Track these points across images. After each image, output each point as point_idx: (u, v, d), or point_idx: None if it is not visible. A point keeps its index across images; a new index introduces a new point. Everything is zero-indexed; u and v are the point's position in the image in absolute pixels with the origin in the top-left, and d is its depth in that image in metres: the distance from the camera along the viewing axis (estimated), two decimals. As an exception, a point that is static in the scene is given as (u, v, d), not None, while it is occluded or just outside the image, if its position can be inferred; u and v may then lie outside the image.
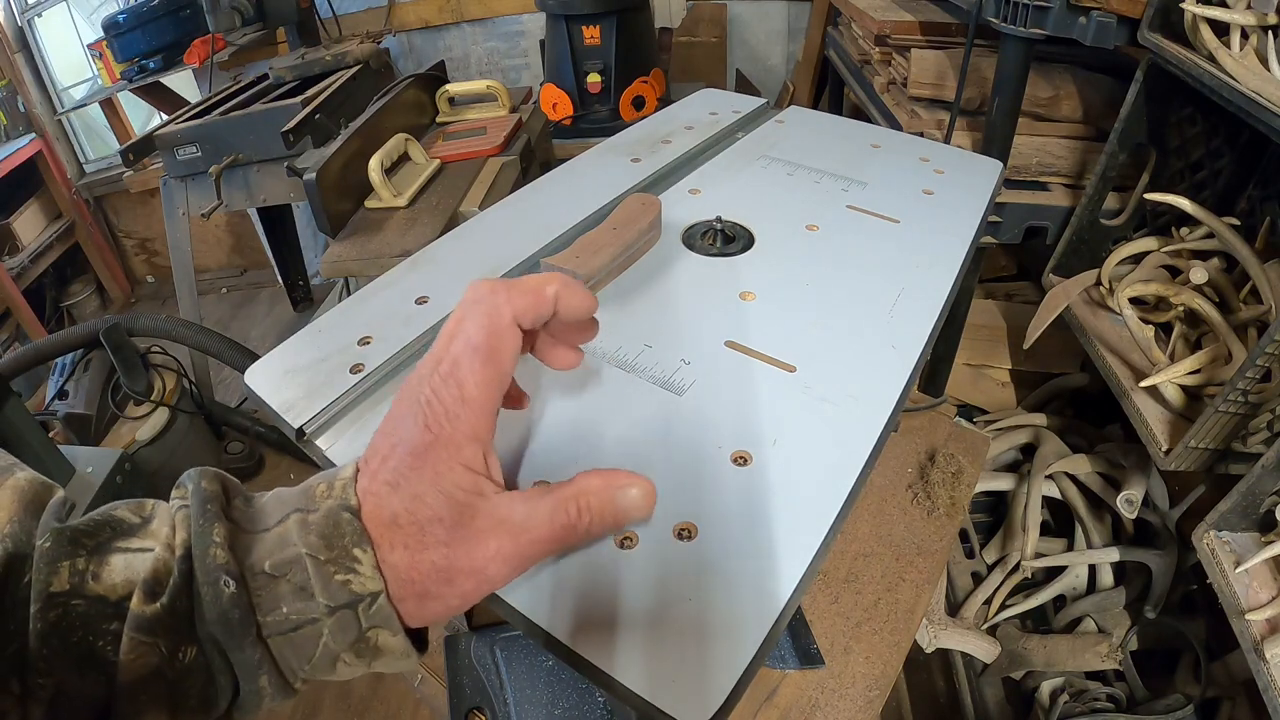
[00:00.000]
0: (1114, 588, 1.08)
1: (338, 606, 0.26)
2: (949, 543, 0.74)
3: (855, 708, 0.61)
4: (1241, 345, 0.84)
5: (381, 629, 0.26)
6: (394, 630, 0.27)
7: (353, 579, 0.26)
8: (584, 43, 1.74)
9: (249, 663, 0.25)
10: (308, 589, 0.26)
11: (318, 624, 0.26)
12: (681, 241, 0.53)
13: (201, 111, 1.42)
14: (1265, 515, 0.75)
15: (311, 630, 0.26)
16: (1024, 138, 1.11)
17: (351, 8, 2.27)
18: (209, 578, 0.25)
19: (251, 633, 0.25)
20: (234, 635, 0.25)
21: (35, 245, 2.54)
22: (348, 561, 0.26)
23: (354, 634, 0.26)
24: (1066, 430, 1.26)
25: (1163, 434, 0.85)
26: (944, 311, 0.47)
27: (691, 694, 0.27)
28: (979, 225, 0.55)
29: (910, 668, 1.23)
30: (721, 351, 0.42)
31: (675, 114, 0.73)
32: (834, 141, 0.67)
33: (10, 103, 2.54)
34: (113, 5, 2.58)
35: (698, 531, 0.32)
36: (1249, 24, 0.74)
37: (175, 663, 0.25)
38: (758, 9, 2.31)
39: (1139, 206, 1.04)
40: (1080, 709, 0.99)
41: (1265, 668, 0.68)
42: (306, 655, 0.26)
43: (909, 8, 1.35)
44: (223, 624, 0.25)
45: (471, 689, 0.63)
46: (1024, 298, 1.49)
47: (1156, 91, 0.93)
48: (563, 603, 0.30)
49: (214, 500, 0.27)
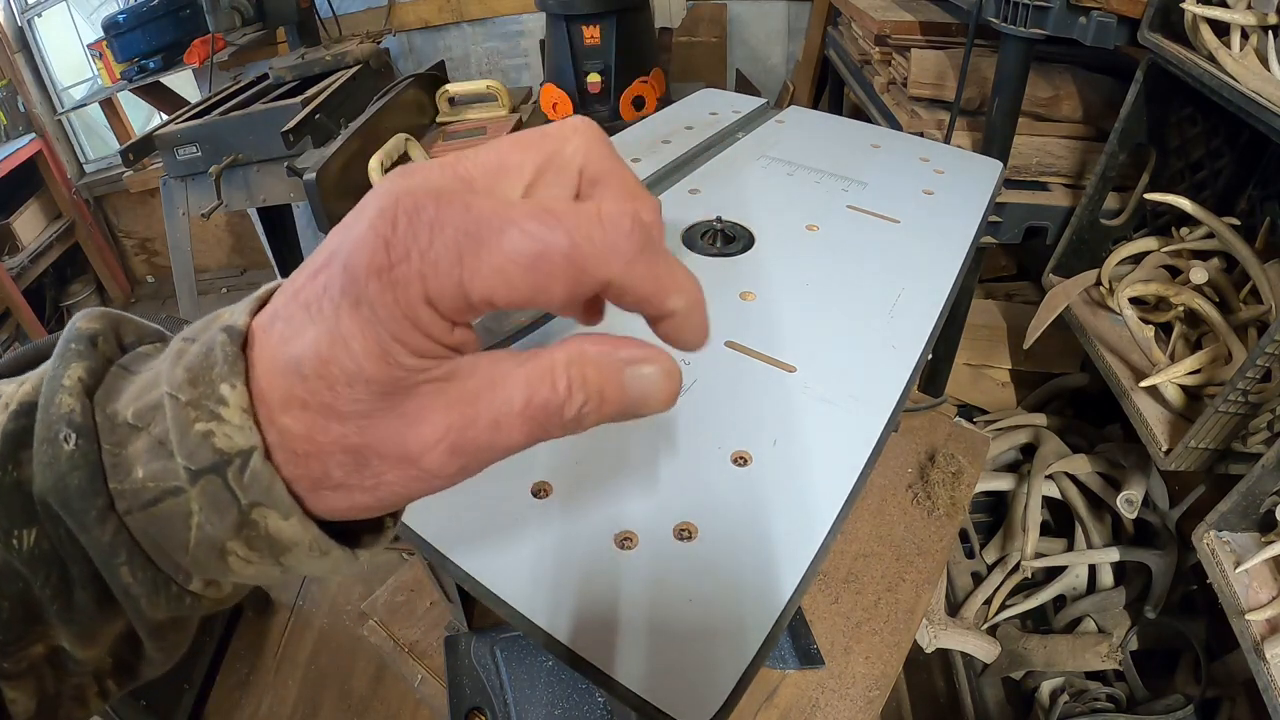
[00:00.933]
0: (1114, 588, 1.08)
1: (200, 470, 0.18)
2: (949, 543, 0.74)
3: (855, 708, 0.61)
4: (1241, 345, 0.84)
5: (267, 509, 0.18)
6: (285, 512, 0.18)
7: (215, 429, 0.18)
8: (584, 43, 1.74)
9: (100, 546, 0.19)
10: (166, 444, 0.18)
11: (182, 496, 0.18)
12: (681, 241, 0.53)
13: (201, 111, 1.42)
14: (1265, 515, 0.75)
15: (175, 505, 0.18)
16: (1024, 138, 1.11)
17: (351, 8, 2.27)
18: (48, 432, 0.19)
19: (98, 503, 0.18)
20: (74, 508, 0.18)
21: (35, 245, 2.54)
22: (211, 404, 0.18)
23: (233, 514, 0.18)
24: (1066, 430, 1.26)
25: (1163, 434, 0.85)
26: (944, 311, 0.47)
27: (691, 694, 0.27)
28: (979, 225, 0.55)
29: (910, 668, 1.23)
30: (721, 351, 0.42)
31: (675, 114, 0.73)
32: (834, 141, 0.67)
33: (10, 103, 2.54)
34: (113, 5, 2.58)
35: (698, 532, 0.32)
36: (1249, 24, 0.74)
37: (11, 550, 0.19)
38: (758, 9, 2.31)
39: (1139, 206, 1.04)
40: (1080, 709, 0.99)
41: (1265, 668, 0.68)
42: (179, 541, 0.19)
43: (909, 8, 1.35)
44: (58, 492, 0.18)
45: (471, 689, 0.63)
46: (1024, 298, 1.49)
47: (1156, 91, 0.93)
48: (563, 603, 0.30)
49: (84, 339, 0.20)
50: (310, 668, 1.43)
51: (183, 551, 0.19)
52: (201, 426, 0.18)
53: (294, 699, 1.38)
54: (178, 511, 0.19)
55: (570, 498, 0.34)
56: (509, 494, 0.34)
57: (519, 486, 0.35)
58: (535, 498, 0.34)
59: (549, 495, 0.34)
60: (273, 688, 1.41)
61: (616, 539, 0.32)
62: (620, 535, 0.32)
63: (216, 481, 0.18)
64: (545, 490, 0.35)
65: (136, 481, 0.19)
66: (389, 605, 0.71)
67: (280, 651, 1.47)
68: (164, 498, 0.19)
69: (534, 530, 0.33)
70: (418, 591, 0.72)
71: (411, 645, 0.68)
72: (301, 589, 1.58)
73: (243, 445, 0.18)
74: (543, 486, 0.35)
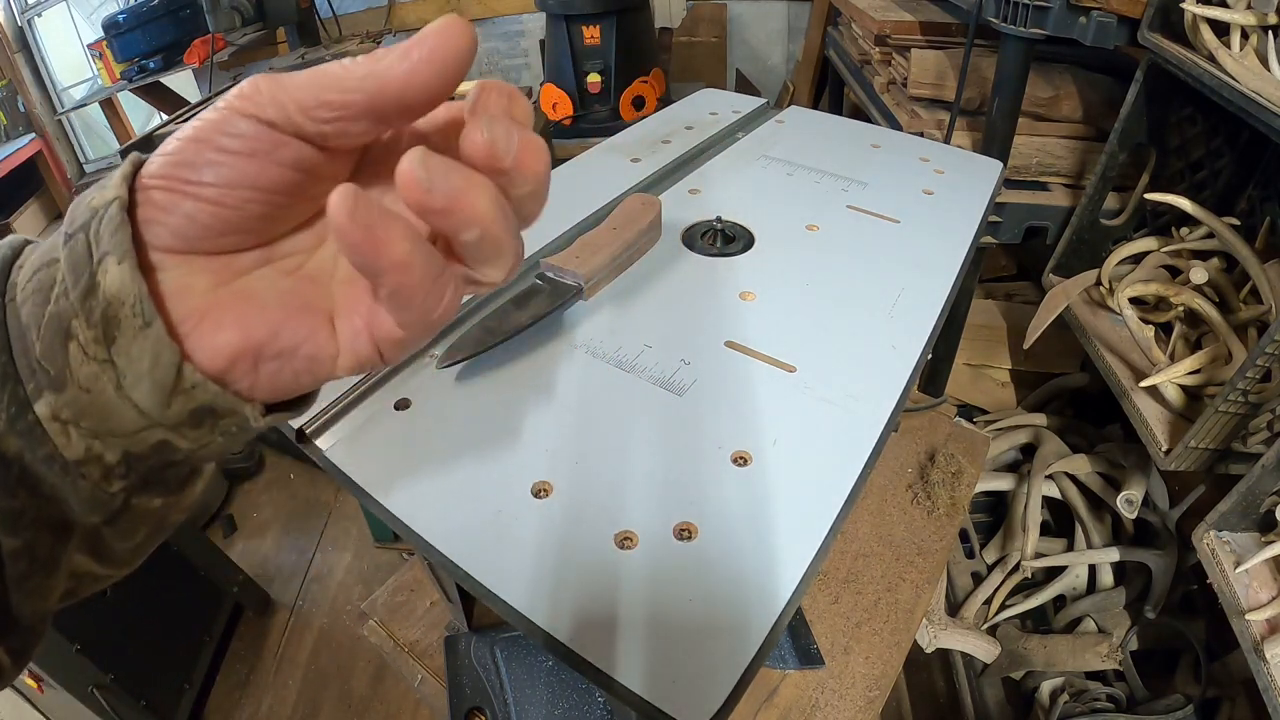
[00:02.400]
0: (1114, 588, 1.08)
1: (73, 232, 0.20)
2: (949, 543, 0.74)
3: (855, 708, 0.61)
4: (1241, 345, 0.84)
5: (110, 258, 0.19)
6: (120, 255, 0.19)
7: (96, 195, 0.20)
8: (584, 43, 1.74)
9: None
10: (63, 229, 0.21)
11: (54, 266, 0.20)
12: (681, 241, 0.53)
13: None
14: (1265, 515, 0.75)
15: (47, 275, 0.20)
16: (1024, 138, 1.11)
17: (351, 8, 2.27)
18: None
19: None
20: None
21: (35, 245, 2.54)
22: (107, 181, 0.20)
23: (85, 276, 0.19)
24: (1066, 430, 1.26)
25: (1163, 434, 0.85)
26: (944, 311, 0.47)
27: (691, 694, 0.27)
28: (979, 225, 0.55)
29: (910, 668, 1.24)
30: (721, 351, 0.42)
31: (675, 114, 0.73)
32: (834, 141, 0.68)
33: (10, 103, 2.54)
34: (113, 5, 2.58)
35: (698, 531, 0.32)
36: (1249, 24, 0.74)
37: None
38: (758, 9, 2.31)
39: (1139, 206, 1.04)
40: (1080, 709, 0.99)
41: (1265, 668, 0.68)
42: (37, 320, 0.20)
43: (909, 8, 1.35)
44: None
45: (471, 689, 0.63)
46: (1024, 298, 1.49)
47: (1156, 91, 0.93)
48: (563, 603, 0.30)
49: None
50: (310, 668, 1.43)
51: (36, 335, 0.20)
52: (87, 197, 0.20)
53: (294, 699, 1.38)
54: (46, 282, 0.20)
55: (570, 498, 0.34)
56: (509, 494, 0.34)
57: (519, 486, 0.35)
58: (535, 497, 0.34)
59: (549, 495, 0.34)
60: (273, 688, 1.41)
61: (616, 539, 0.32)
62: (620, 535, 0.32)
63: (82, 238, 0.20)
64: (545, 490, 0.35)
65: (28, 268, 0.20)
66: (389, 605, 0.71)
67: (280, 651, 1.47)
68: (40, 270, 0.20)
69: (534, 530, 0.33)
70: (418, 591, 0.72)
71: (411, 645, 0.68)
72: (302, 589, 1.59)
73: (110, 198, 0.20)
74: (543, 486, 0.35)
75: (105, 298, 0.19)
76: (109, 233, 0.19)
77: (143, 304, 0.19)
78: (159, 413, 0.21)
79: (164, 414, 0.21)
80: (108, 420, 0.21)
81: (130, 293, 0.19)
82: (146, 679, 1.22)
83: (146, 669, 1.23)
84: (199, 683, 1.35)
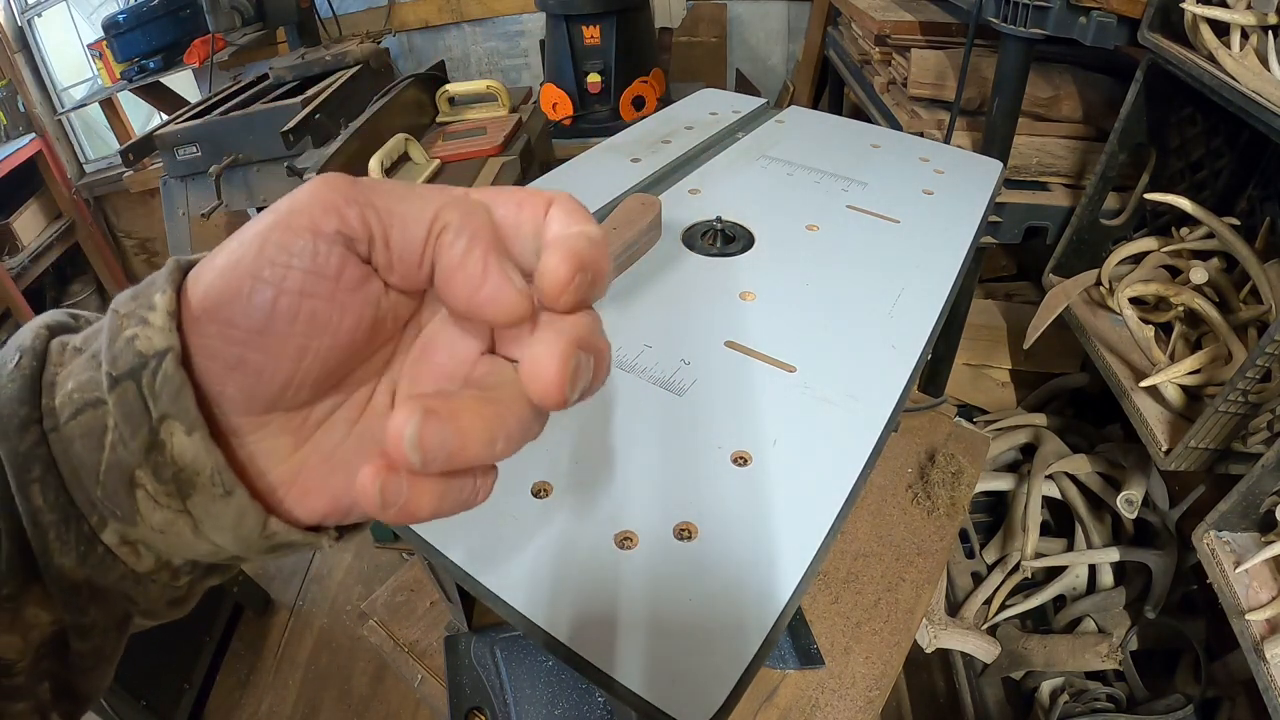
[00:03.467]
0: (1114, 588, 1.08)
1: (120, 376, 0.18)
2: (949, 543, 0.74)
3: (855, 708, 0.61)
4: (1241, 345, 0.84)
5: (174, 422, 0.18)
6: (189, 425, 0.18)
7: (140, 332, 0.18)
8: (584, 43, 1.74)
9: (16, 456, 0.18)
10: (98, 356, 0.19)
11: (101, 409, 0.18)
12: (681, 241, 0.53)
13: (201, 111, 1.42)
14: (1265, 515, 0.75)
15: (95, 418, 0.18)
16: (1024, 138, 1.11)
17: (351, 8, 2.27)
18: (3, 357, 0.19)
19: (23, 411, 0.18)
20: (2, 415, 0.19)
21: (35, 245, 2.54)
22: (143, 311, 0.18)
23: (144, 431, 0.18)
24: (1066, 430, 1.26)
25: (1163, 434, 0.85)
26: (944, 311, 0.47)
27: (691, 694, 0.27)
28: (979, 225, 0.55)
29: (910, 668, 1.23)
30: (721, 351, 0.42)
31: (675, 114, 0.73)
32: (834, 141, 0.68)
33: (10, 103, 2.54)
34: (113, 5, 2.58)
35: (698, 531, 0.32)
36: (1249, 24, 0.74)
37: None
38: (758, 9, 2.31)
39: (1139, 206, 1.04)
40: (1080, 709, 0.99)
41: (1265, 668, 0.68)
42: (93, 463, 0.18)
43: (909, 8, 1.35)
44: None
45: (471, 689, 0.63)
46: (1024, 298, 1.49)
47: (1156, 91, 0.93)
48: (563, 603, 0.30)
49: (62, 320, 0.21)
50: (310, 668, 1.43)
51: (94, 479, 0.19)
52: (129, 331, 0.18)
53: (294, 699, 1.38)
54: (96, 425, 0.18)
55: (570, 498, 0.34)
56: (509, 494, 0.34)
57: (519, 486, 0.35)
58: (535, 498, 0.34)
59: (549, 495, 0.34)
60: (273, 688, 1.41)
61: (616, 539, 0.32)
62: (620, 535, 0.32)
63: (132, 388, 0.18)
64: (545, 490, 0.35)
65: (65, 395, 0.19)
66: (389, 605, 0.71)
67: (280, 651, 1.47)
68: (85, 409, 0.18)
69: (534, 530, 0.33)
70: (418, 591, 0.72)
71: (411, 645, 0.68)
72: (302, 588, 1.59)
73: (160, 346, 0.18)
74: (543, 486, 0.35)
75: (175, 461, 0.18)
76: (168, 395, 0.18)
77: (221, 475, 0.18)
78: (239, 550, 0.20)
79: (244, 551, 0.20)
80: (182, 551, 0.20)
81: (206, 465, 0.18)
82: (146, 679, 1.22)
83: (146, 669, 1.23)
84: (199, 683, 1.35)
